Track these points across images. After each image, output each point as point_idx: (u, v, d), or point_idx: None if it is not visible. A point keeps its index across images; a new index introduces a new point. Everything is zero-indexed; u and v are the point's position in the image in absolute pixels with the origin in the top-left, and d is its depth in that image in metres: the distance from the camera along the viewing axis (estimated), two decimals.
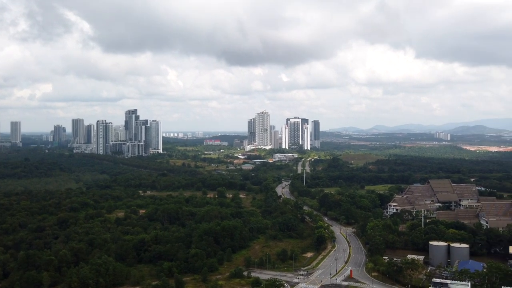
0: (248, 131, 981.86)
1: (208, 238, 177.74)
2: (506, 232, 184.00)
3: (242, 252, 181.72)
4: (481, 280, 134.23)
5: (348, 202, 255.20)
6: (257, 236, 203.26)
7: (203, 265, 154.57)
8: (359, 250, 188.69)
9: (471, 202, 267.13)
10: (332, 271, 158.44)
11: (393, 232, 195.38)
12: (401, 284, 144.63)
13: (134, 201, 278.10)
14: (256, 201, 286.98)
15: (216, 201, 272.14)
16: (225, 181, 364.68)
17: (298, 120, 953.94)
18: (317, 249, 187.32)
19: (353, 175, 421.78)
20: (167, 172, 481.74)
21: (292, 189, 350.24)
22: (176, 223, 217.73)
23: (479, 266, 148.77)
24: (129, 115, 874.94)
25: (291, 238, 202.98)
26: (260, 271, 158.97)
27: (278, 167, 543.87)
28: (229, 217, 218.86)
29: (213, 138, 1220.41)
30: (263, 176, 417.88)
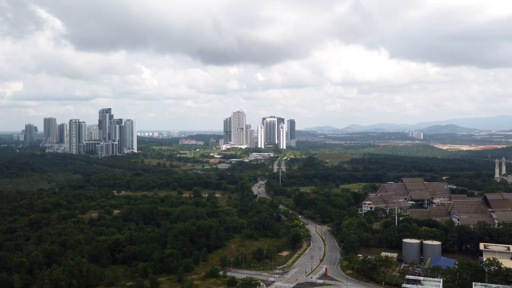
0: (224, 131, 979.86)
1: (183, 238, 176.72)
2: (477, 229, 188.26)
3: (218, 252, 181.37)
4: (453, 277, 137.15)
5: (323, 200, 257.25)
6: (233, 236, 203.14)
7: (178, 265, 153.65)
8: (334, 248, 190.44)
9: (443, 200, 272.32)
10: (307, 269, 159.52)
11: (367, 230, 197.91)
12: (375, 281, 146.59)
13: (108, 201, 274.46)
14: (232, 201, 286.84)
15: (191, 201, 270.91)
16: (200, 181, 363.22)
17: (274, 119, 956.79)
18: (293, 248, 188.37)
19: (328, 174, 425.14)
20: (142, 171, 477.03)
21: (268, 188, 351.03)
22: (151, 223, 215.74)
23: (451, 262, 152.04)
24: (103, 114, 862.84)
25: (267, 237, 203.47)
26: (236, 271, 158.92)
27: (254, 166, 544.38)
28: (204, 216, 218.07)
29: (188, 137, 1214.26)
30: (239, 176, 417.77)
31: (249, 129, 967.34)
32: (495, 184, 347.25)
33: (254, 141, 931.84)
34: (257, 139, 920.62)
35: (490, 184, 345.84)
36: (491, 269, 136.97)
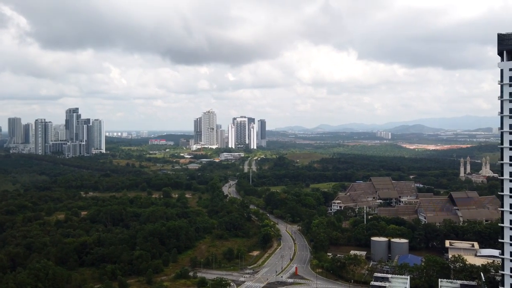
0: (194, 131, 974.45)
1: (153, 239, 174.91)
2: (443, 227, 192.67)
3: (188, 253, 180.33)
4: (420, 274, 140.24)
5: (294, 200, 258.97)
6: (203, 236, 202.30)
7: (147, 267, 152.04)
8: (304, 247, 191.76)
9: (410, 199, 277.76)
10: (277, 268, 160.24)
11: (336, 229, 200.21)
12: (344, 279, 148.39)
13: (76, 203, 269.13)
14: (202, 201, 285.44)
15: (161, 202, 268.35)
16: (170, 181, 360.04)
17: (244, 119, 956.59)
18: (263, 248, 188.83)
19: (298, 173, 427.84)
20: (110, 172, 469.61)
21: (239, 188, 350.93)
22: (120, 224, 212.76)
23: (418, 260, 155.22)
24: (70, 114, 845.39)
25: (238, 237, 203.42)
26: (206, 271, 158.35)
27: (224, 167, 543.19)
28: (174, 217, 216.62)
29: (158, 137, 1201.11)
30: (209, 176, 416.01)
31: (220, 129, 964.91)
32: (460, 182, 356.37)
33: (224, 141, 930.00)
34: (227, 139, 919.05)
35: (455, 182, 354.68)
36: (456, 266, 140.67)
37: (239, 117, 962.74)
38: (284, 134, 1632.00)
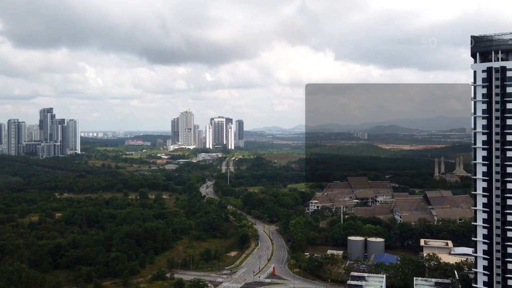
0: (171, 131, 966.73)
1: (129, 240, 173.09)
2: (418, 226, 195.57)
3: (165, 254, 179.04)
4: (395, 272, 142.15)
5: (271, 200, 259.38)
6: (181, 237, 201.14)
7: (124, 269, 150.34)
8: (282, 247, 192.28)
9: (386, 198, 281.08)
10: (255, 269, 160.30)
11: (314, 228, 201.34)
12: (322, 279, 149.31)
13: (50, 204, 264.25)
14: (179, 202, 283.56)
15: (138, 203, 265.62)
16: (147, 182, 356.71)
17: (222, 119, 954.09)
18: (241, 248, 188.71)
19: (276, 174, 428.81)
20: (86, 173, 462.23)
21: (216, 189, 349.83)
22: (95, 226, 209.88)
23: (393, 258, 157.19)
24: (44, 114, 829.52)
25: (215, 238, 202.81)
26: (183, 272, 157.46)
27: (202, 167, 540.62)
28: (151, 218, 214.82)
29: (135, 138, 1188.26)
30: (186, 176, 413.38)
31: (197, 130, 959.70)
32: (434, 182, 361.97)
33: (202, 141, 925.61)
34: (205, 140, 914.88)
35: (430, 182, 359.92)
36: (431, 264, 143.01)
37: (216, 117, 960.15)
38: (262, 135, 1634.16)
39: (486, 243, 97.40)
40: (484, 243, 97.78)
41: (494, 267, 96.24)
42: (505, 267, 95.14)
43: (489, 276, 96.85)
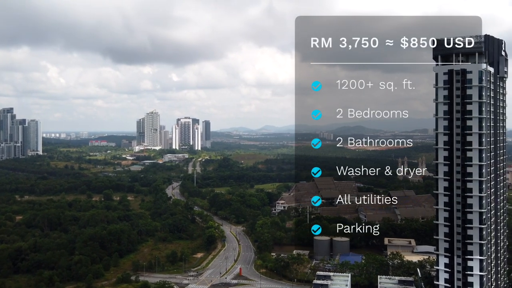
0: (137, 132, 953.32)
1: (93, 243, 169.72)
2: (382, 225, 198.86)
3: (130, 256, 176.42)
4: (360, 271, 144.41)
5: (238, 201, 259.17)
6: (146, 239, 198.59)
7: (87, 272, 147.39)
8: (249, 248, 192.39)
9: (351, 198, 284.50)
10: (222, 270, 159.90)
11: (280, 229, 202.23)
12: (288, 278, 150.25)
13: (10, 207, 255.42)
14: (145, 203, 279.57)
15: (102, 205, 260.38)
16: (112, 183, 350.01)
17: (188, 120, 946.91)
18: (207, 249, 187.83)
19: (243, 174, 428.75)
20: (48, 175, 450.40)
21: (183, 190, 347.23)
22: (57, 229, 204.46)
23: (358, 258, 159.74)
24: (4, 114, 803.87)
25: (181, 240, 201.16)
26: (149, 275, 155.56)
27: (168, 168, 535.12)
28: (116, 220, 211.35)
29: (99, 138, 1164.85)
30: (152, 178, 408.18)
31: (163, 130, 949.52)
32: (398, 182, 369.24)
33: (168, 142, 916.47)
34: (171, 140, 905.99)
35: (393, 182, 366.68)
36: (395, 263, 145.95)
37: (183, 118, 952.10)
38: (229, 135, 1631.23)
39: (447, 241, 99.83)
40: (445, 241, 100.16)
41: (454, 264, 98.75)
42: (465, 264, 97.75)
43: (450, 274, 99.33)
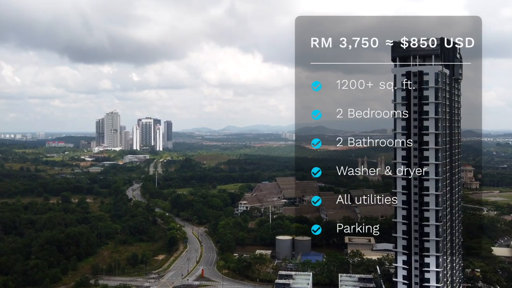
0: (96, 132, 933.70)
1: (50, 247, 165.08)
2: (343, 224, 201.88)
3: (89, 260, 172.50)
4: (321, 269, 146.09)
5: (201, 202, 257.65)
6: (106, 242, 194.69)
7: (44, 277, 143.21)
8: (211, 249, 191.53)
9: None
10: (183, 272, 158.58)
11: (243, 229, 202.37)
12: (250, 279, 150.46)
13: None
14: (104, 205, 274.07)
15: (59, 207, 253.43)
16: (70, 185, 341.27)
17: (150, 120, 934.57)
18: (169, 251, 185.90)
19: (205, 175, 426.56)
20: (2, 177, 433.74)
21: (144, 191, 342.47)
22: (13, 232, 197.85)
23: (320, 256, 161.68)
24: None
25: (142, 242, 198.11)
26: (108, 278, 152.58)
27: (129, 169, 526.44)
28: (74, 223, 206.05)
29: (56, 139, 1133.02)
30: (112, 179, 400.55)
31: (124, 131, 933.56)
32: (358, 181, 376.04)
33: (129, 143, 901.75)
34: (132, 141, 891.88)
35: (354, 181, 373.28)
36: (355, 261, 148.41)
37: (144, 118, 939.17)
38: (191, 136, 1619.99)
39: (405, 239, 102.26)
40: (403, 239, 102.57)
41: (412, 261, 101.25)
42: (422, 261, 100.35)
43: (408, 270, 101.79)
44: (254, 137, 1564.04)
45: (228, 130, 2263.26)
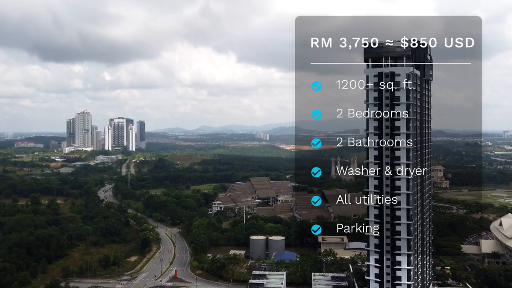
0: (67, 132, 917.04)
1: (19, 249, 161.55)
2: (316, 223, 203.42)
3: (59, 262, 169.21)
4: (295, 269, 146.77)
5: (174, 202, 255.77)
6: (77, 244, 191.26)
7: (12, 280, 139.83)
8: (184, 250, 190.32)
9: (287, 197, 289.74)
10: (157, 273, 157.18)
11: (217, 229, 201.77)
12: (224, 279, 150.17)
13: None
14: (76, 207, 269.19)
15: (29, 209, 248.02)
16: (39, 186, 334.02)
17: (122, 120, 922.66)
18: (142, 252, 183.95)
19: (179, 175, 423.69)
20: None
21: (116, 192, 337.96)
22: None
23: (293, 256, 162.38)
24: None
25: (115, 243, 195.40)
26: (80, 280, 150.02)
27: (101, 170, 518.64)
28: (44, 225, 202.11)
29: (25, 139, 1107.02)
30: (84, 180, 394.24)
31: (96, 131, 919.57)
32: (331, 181, 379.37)
33: (101, 143, 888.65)
34: (104, 141, 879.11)
35: (327, 181, 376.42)
36: (328, 260, 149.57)
37: (116, 118, 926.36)
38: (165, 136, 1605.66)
39: (377, 237, 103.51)
40: (375, 238, 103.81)
41: (384, 260, 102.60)
42: (394, 259, 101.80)
43: (380, 269, 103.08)
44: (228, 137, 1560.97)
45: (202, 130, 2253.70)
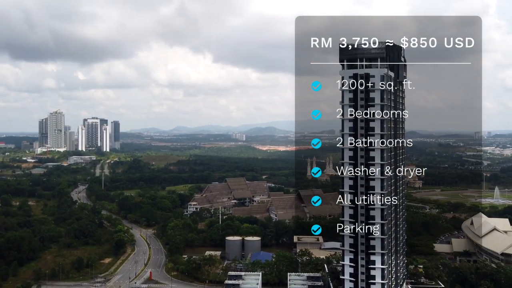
0: (39, 132, 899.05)
1: None
2: (292, 223, 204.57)
3: (31, 265, 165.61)
4: (271, 269, 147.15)
5: (149, 203, 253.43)
6: (49, 246, 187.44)
7: None
8: (159, 251, 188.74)
9: (263, 198, 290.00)
10: (131, 275, 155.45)
11: (192, 230, 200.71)
12: (200, 280, 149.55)
13: None
14: (48, 208, 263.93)
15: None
16: (11, 188, 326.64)
17: (96, 120, 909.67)
18: (116, 254, 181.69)
19: (154, 176, 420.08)
20: None
21: (90, 193, 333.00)
22: None
23: (269, 256, 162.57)
24: None
25: (88, 245, 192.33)
26: (52, 283, 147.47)
27: (74, 171, 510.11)
28: (15, 227, 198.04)
29: None
30: (56, 181, 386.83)
31: (69, 131, 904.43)
32: (307, 181, 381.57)
33: (74, 143, 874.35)
34: (77, 142, 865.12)
35: (303, 181, 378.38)
36: (304, 259, 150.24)
37: (90, 118, 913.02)
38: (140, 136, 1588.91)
39: (352, 237, 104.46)
40: (350, 237, 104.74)
41: (359, 259, 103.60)
42: (368, 258, 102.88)
43: (354, 268, 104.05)
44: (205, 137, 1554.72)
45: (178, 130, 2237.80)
